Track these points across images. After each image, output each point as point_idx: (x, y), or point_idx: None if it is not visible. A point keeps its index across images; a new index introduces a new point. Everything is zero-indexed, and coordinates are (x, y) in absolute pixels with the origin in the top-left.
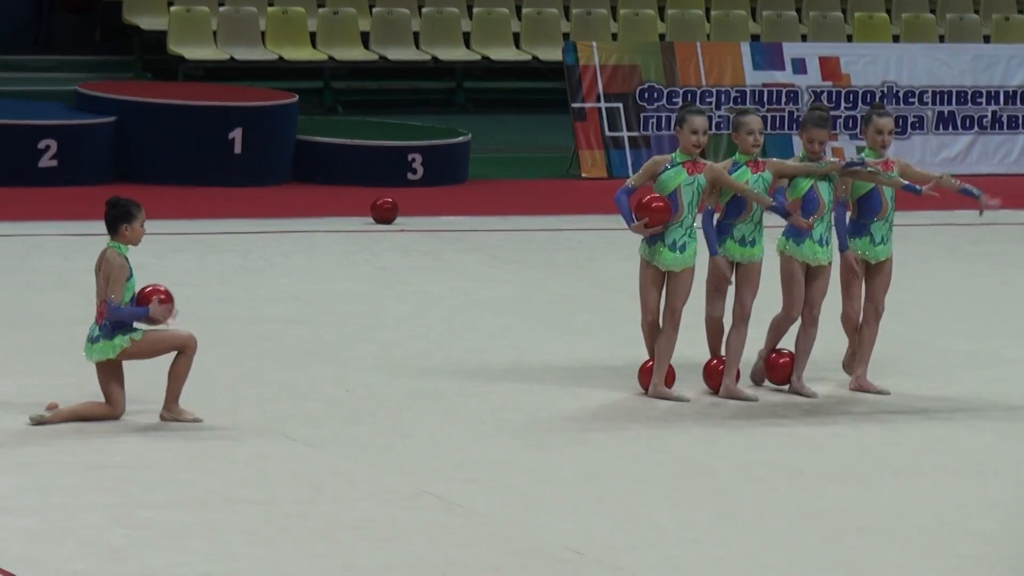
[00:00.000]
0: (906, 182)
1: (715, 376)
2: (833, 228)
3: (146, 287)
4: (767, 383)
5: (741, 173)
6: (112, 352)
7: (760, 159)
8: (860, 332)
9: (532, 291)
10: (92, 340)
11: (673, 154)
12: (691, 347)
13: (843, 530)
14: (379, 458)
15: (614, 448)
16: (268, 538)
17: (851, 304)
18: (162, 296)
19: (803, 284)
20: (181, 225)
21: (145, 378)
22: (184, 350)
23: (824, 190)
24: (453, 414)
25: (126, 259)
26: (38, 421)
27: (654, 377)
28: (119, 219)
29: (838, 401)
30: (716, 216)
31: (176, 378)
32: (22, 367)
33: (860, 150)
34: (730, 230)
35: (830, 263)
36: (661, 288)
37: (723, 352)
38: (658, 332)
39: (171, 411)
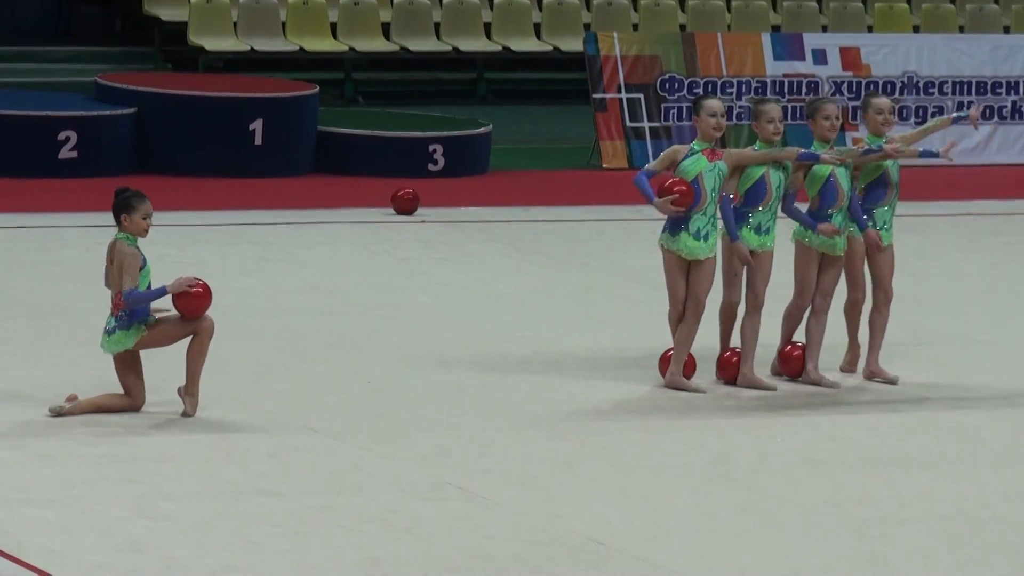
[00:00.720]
0: (922, 148)
1: (728, 368)
2: (850, 216)
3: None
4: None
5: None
6: (130, 341)
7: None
8: (870, 319)
9: (553, 282)
10: (108, 332)
11: (692, 143)
12: (712, 337)
13: (864, 520)
14: (400, 449)
15: (634, 439)
16: (290, 529)
17: (857, 291)
18: (199, 289)
19: (815, 273)
20: (201, 216)
21: (166, 369)
22: (198, 332)
23: (843, 180)
24: (474, 405)
25: (137, 248)
26: (57, 412)
27: (672, 366)
28: (119, 209)
29: (857, 391)
30: (733, 203)
31: (193, 359)
32: (43, 359)
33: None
34: (746, 218)
35: (846, 252)
36: (686, 278)
37: (734, 342)
38: None
39: (188, 391)
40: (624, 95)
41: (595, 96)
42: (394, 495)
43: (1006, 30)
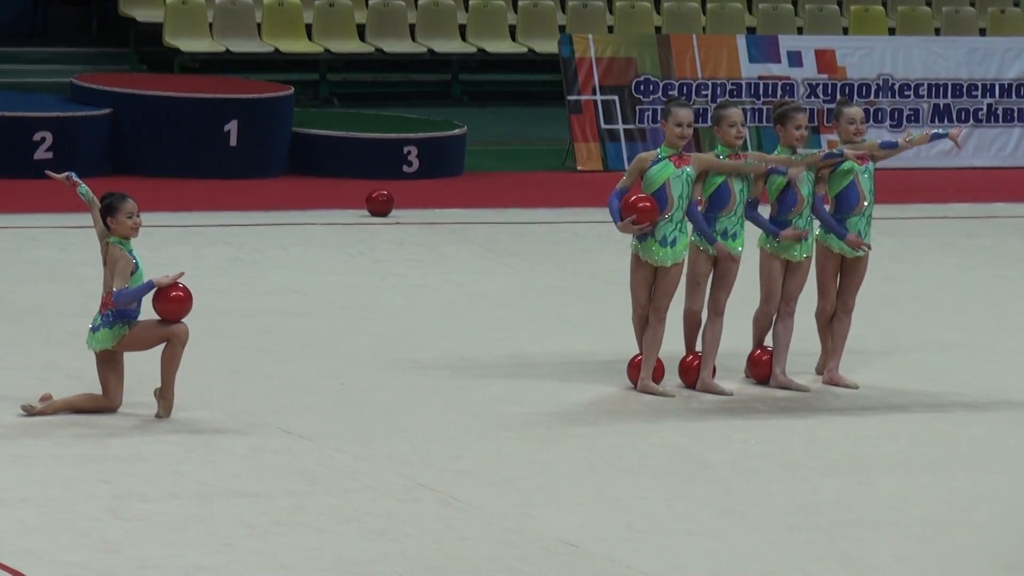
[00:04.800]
0: (882, 140)
1: (690, 372)
2: (814, 223)
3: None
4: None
5: None
6: (112, 341)
7: (742, 152)
8: (832, 327)
9: (527, 284)
10: (94, 329)
11: (658, 149)
12: (679, 342)
13: (839, 522)
14: (374, 451)
15: (609, 440)
16: (264, 530)
17: (826, 301)
18: (180, 293)
19: (780, 280)
20: (176, 217)
21: (140, 371)
22: (171, 339)
23: (803, 185)
24: (448, 407)
25: (129, 252)
26: (30, 411)
27: (642, 372)
28: (104, 214)
29: (831, 394)
30: (699, 209)
31: (166, 365)
32: (17, 359)
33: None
34: (713, 223)
35: (808, 258)
36: (651, 283)
37: (698, 347)
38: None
39: (163, 395)
40: (599, 97)
41: (570, 98)
42: (368, 496)
43: (982, 33)
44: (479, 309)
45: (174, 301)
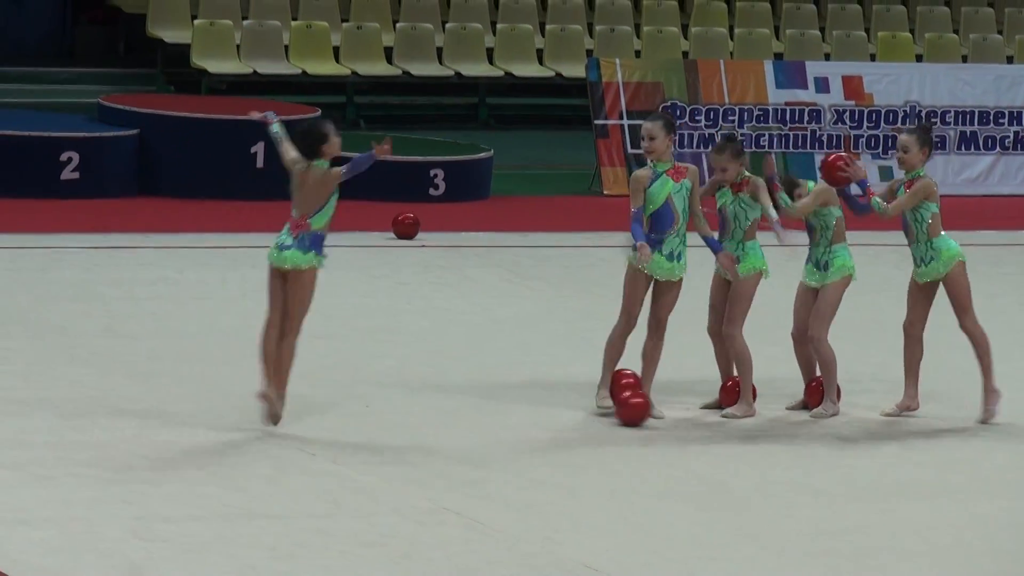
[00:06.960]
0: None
1: (730, 394)
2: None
3: None
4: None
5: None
6: (299, 263)
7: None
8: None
9: (552, 308)
10: (282, 247)
11: (652, 165)
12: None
13: (862, 549)
14: (398, 474)
15: (632, 465)
16: (286, 553)
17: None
18: (640, 400)
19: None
20: (203, 239)
21: (168, 393)
22: (288, 333)
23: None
24: (472, 430)
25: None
26: (274, 416)
27: (644, 388)
28: (317, 142)
29: (855, 420)
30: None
31: (287, 358)
32: (43, 378)
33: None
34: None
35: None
36: (646, 297)
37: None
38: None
39: (280, 391)
40: (626, 122)
41: (597, 122)
42: (392, 519)
43: (1009, 60)
44: (504, 333)
45: (636, 408)
